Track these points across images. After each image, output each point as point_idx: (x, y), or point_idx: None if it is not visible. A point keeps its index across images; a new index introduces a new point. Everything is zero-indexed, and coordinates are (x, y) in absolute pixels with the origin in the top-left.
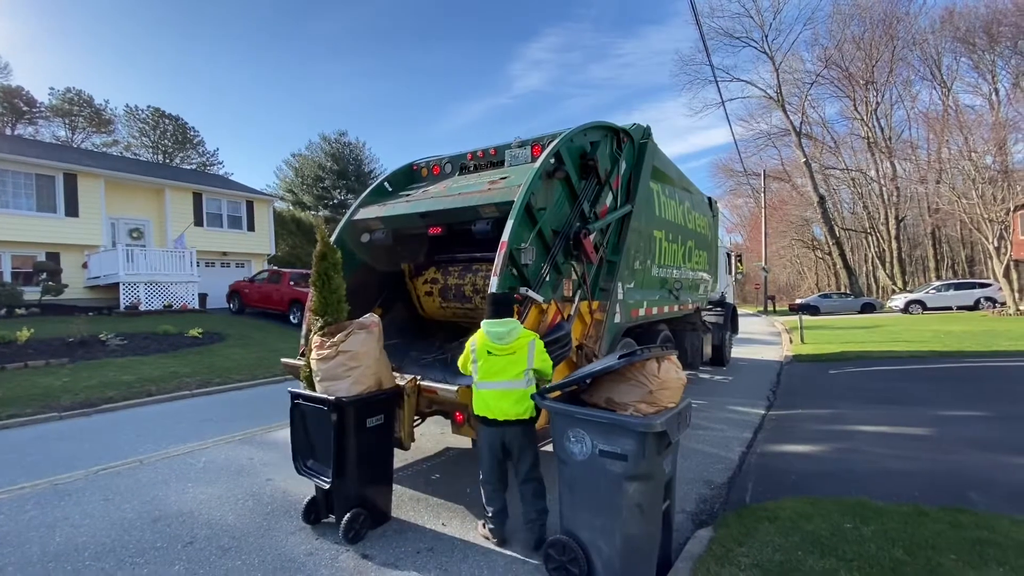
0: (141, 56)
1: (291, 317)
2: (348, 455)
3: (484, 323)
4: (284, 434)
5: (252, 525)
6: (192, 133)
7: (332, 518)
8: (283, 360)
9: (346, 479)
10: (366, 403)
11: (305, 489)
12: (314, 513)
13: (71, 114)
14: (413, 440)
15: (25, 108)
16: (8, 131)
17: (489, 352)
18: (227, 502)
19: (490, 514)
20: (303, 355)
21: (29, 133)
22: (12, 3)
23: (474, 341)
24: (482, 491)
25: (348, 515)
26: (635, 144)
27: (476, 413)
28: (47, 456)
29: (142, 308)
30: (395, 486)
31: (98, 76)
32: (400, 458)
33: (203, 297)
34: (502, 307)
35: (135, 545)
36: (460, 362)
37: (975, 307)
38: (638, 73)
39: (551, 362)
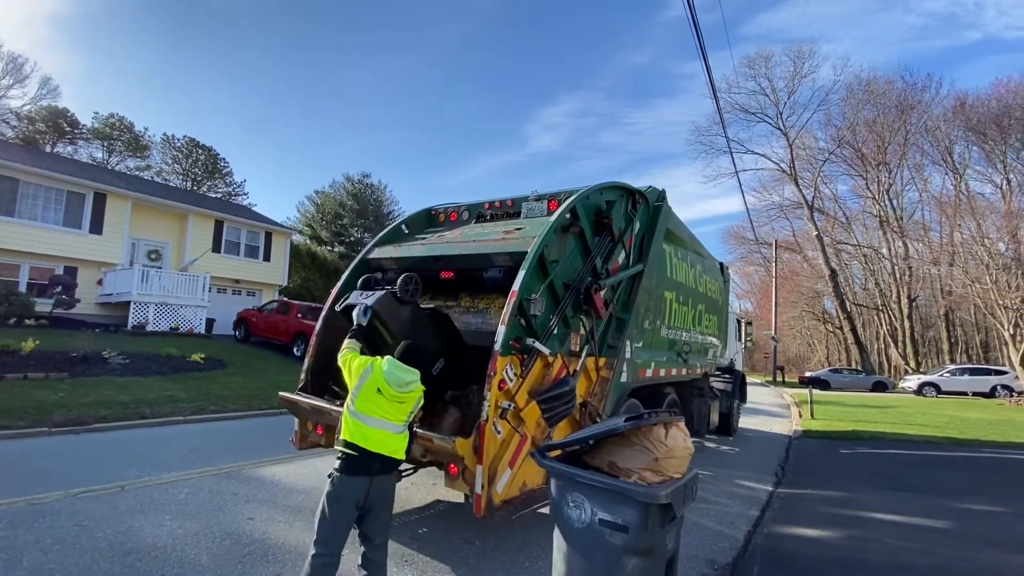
0: (183, 90)
1: (295, 350)
2: None
3: (391, 361)
4: (272, 470)
5: (227, 568)
6: (222, 164)
7: None
8: (281, 394)
9: None
10: None
11: (286, 532)
12: None
13: (111, 138)
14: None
15: (68, 128)
16: (48, 148)
17: (379, 390)
18: (204, 540)
19: None
20: (303, 390)
21: (68, 152)
22: (73, 37)
23: (369, 367)
24: (312, 563)
25: None
26: (650, 206)
27: (349, 440)
28: (29, 472)
29: (149, 328)
30: None
31: (141, 105)
32: None
33: (210, 322)
34: (416, 355)
35: None
36: (344, 359)
37: (991, 394)
38: (648, 141)
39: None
